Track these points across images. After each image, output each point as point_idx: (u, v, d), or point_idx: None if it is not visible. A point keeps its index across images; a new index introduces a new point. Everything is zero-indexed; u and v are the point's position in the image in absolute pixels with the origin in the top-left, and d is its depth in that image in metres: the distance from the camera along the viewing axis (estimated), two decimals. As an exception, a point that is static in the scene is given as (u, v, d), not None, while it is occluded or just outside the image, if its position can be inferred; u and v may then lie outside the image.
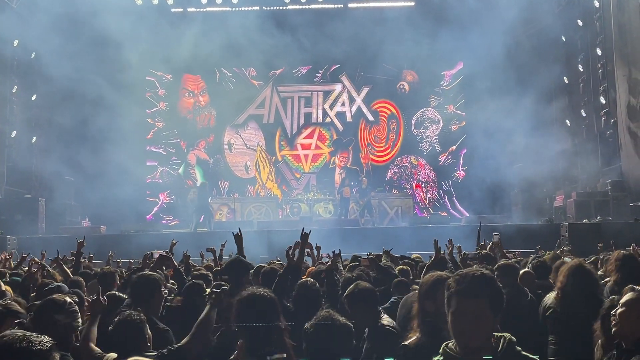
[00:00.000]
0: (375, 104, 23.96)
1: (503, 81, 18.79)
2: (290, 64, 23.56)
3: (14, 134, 18.76)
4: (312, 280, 5.22)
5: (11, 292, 5.44)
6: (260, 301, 3.27)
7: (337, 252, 6.89)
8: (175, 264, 6.08)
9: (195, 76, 24.17)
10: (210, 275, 6.45)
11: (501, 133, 19.07)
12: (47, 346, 2.05)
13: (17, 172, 18.84)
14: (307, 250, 7.60)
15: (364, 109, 24.01)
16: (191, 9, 22.29)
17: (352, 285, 4.25)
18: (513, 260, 7.12)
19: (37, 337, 2.07)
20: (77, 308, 3.68)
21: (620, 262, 5.09)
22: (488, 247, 7.76)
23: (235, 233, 6.03)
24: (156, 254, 7.61)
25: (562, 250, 10.09)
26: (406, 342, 3.19)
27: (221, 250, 8.82)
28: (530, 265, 6.43)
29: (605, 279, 5.59)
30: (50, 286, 5.01)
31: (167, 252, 6.49)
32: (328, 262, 7.32)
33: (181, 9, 22.23)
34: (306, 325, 3.00)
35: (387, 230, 17.46)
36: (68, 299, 3.65)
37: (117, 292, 4.98)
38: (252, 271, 5.79)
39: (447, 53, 21.45)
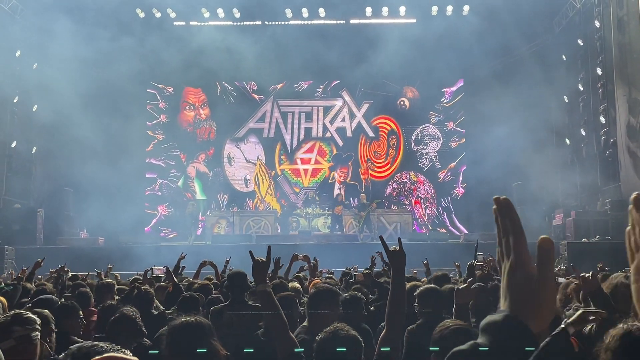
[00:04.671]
0: (375, 119, 23.99)
1: (503, 99, 18.83)
2: (291, 79, 23.69)
3: (14, 144, 18.76)
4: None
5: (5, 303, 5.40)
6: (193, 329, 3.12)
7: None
8: (175, 279, 6.03)
9: (196, 89, 24.24)
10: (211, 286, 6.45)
11: (501, 151, 19.09)
12: None
13: (16, 182, 18.81)
14: (306, 264, 7.58)
15: (364, 125, 24.04)
16: (193, 22, 22.38)
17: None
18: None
19: None
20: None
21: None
22: (475, 267, 7.53)
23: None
24: (157, 270, 7.59)
25: (558, 269, 9.96)
26: None
27: (225, 265, 8.81)
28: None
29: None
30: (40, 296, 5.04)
31: (168, 268, 6.47)
32: (328, 277, 7.27)
33: (183, 23, 22.30)
34: (317, 336, 3.00)
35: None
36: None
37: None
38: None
39: (448, 70, 21.50)
